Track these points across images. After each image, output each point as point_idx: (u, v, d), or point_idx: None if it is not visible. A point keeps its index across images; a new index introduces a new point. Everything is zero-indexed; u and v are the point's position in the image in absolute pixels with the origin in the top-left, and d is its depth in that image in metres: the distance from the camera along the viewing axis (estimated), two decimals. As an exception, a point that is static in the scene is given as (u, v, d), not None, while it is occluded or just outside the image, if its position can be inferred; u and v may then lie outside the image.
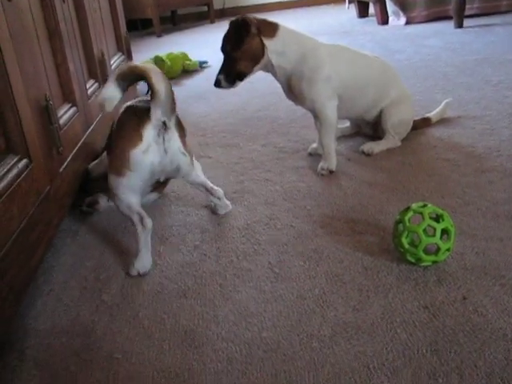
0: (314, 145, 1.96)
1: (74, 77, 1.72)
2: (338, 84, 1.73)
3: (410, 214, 1.21)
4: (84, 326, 1.16)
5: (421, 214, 1.20)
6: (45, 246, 1.31)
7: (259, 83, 2.94)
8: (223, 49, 1.71)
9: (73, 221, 1.64)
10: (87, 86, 1.93)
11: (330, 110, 1.74)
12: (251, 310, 1.14)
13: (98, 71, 2.09)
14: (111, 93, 1.31)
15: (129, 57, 2.85)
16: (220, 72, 1.74)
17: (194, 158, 1.48)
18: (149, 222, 1.34)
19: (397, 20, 4.66)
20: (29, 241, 1.20)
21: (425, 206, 1.22)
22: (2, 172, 1.15)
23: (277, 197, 1.65)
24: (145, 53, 4.25)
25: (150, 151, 1.32)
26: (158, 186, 1.61)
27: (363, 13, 5.36)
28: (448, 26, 4.09)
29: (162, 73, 1.33)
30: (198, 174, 1.52)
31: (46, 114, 1.43)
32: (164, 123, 1.32)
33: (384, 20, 4.75)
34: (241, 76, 1.73)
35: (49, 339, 1.13)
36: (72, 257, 1.45)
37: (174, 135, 1.36)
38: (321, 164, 1.79)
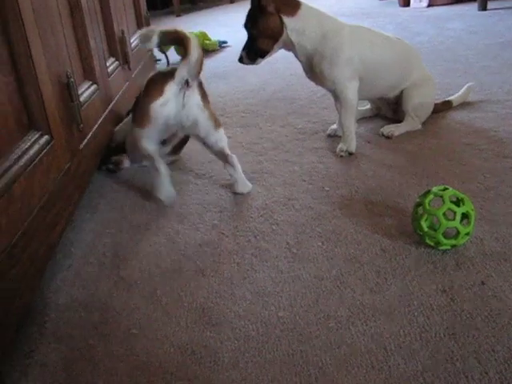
0: (334, 126, 1.95)
1: (94, 53, 1.72)
2: (359, 65, 1.72)
3: (431, 196, 1.21)
4: (102, 302, 1.17)
5: (441, 197, 1.19)
6: (64, 222, 1.32)
7: (279, 64, 2.93)
8: (246, 26, 1.71)
9: (92, 197, 1.65)
10: (107, 64, 1.93)
11: (350, 91, 1.73)
12: (268, 289, 1.14)
13: (118, 49, 2.09)
14: (151, 34, 1.44)
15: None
16: (243, 48, 1.76)
17: (220, 128, 1.55)
18: (164, 168, 1.50)
19: (419, 2, 4.59)
20: (49, 217, 1.21)
21: (445, 189, 1.21)
22: (24, 148, 1.16)
23: (295, 177, 1.64)
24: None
25: (167, 105, 1.45)
26: (176, 148, 1.79)
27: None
28: (471, 8, 4.03)
29: (198, 42, 1.44)
30: (221, 139, 1.56)
31: (67, 91, 1.43)
32: (187, 81, 1.44)
33: (405, 2, 4.68)
34: (262, 53, 1.73)
35: (68, 313, 1.14)
36: (91, 233, 1.46)
37: (194, 92, 1.47)
38: (340, 145, 1.78)
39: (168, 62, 3.21)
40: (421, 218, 1.20)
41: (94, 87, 1.70)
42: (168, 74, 1.46)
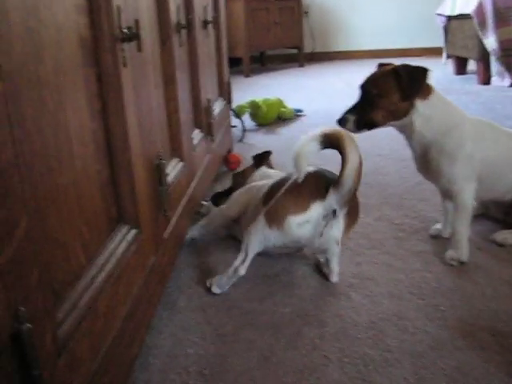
0: (438, 226, 1.74)
1: (183, 127, 1.57)
2: (479, 164, 1.52)
3: None
4: None
5: None
6: (145, 330, 1.14)
7: (363, 142, 2.74)
8: (365, 88, 1.53)
9: (169, 291, 1.46)
10: (192, 136, 1.78)
11: (467, 193, 1.52)
12: None
13: (203, 119, 1.94)
14: (309, 145, 1.31)
15: (229, 102, 2.71)
16: (350, 111, 1.54)
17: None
18: (243, 271, 1.40)
19: (500, 81, 4.40)
20: (130, 328, 1.03)
21: None
22: (111, 248, 1.00)
23: (402, 288, 1.43)
24: (233, 93, 4.13)
25: (305, 227, 1.32)
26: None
27: (461, 70, 5.12)
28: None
29: (359, 158, 1.29)
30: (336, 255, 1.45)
31: (157, 173, 1.27)
32: (334, 211, 1.30)
33: (486, 79, 4.50)
34: (371, 125, 1.53)
35: None
36: (171, 338, 1.27)
37: (338, 225, 1.34)
38: (450, 252, 1.56)
39: (244, 128, 3.07)
40: None
41: (180, 165, 1.54)
42: (326, 184, 1.32)
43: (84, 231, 0.89)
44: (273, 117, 3.37)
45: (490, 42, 4.27)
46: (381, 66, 1.54)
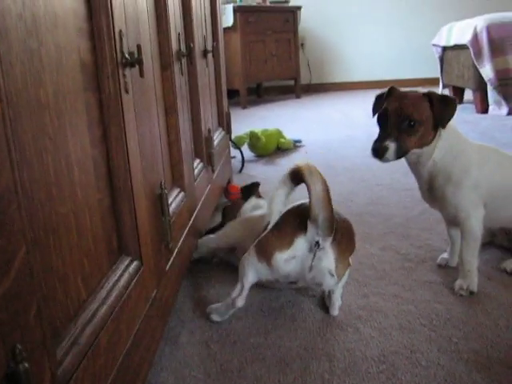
0: (445, 255, 1.70)
1: (184, 157, 1.53)
2: (485, 191, 1.48)
3: None
4: None
5: None
6: (147, 366, 1.08)
7: (362, 172, 2.72)
8: (404, 113, 1.39)
9: (171, 325, 1.41)
10: (193, 166, 1.74)
11: (475, 221, 1.48)
12: None
13: (203, 149, 1.90)
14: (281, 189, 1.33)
15: (228, 132, 2.69)
16: (387, 138, 1.40)
17: (347, 272, 1.39)
18: (241, 302, 1.36)
19: (498, 109, 4.41)
20: (133, 364, 0.98)
21: None
22: (113, 280, 0.95)
23: (412, 320, 1.38)
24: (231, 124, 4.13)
25: (292, 262, 1.29)
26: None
27: (458, 99, 5.11)
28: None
29: (322, 184, 1.25)
30: (338, 288, 1.41)
31: (159, 204, 1.23)
32: (317, 243, 1.25)
33: (483, 109, 4.51)
34: (406, 153, 1.44)
35: None
36: (173, 375, 1.22)
37: (327, 255, 1.28)
38: (459, 282, 1.52)
39: (243, 158, 3.04)
40: None
41: (181, 195, 1.50)
42: (303, 218, 1.28)
43: (84, 263, 0.84)
44: (272, 147, 3.35)
45: (487, 71, 4.29)
46: (393, 89, 1.46)
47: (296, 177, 1.28)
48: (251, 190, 1.95)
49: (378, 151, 1.39)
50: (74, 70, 0.83)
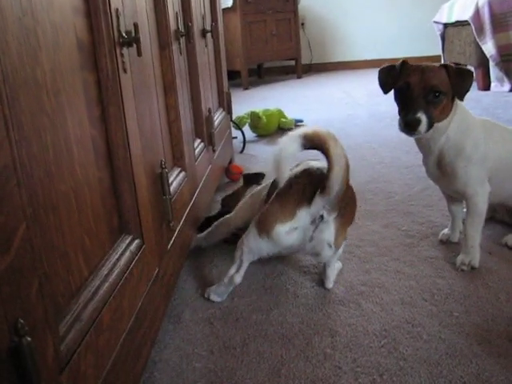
0: (446, 231, 1.70)
1: (185, 137, 1.53)
2: (490, 165, 1.48)
3: None
4: None
5: None
6: (150, 343, 1.10)
7: (363, 149, 2.72)
8: (430, 85, 1.36)
9: (174, 303, 1.42)
10: (194, 146, 1.74)
11: (481, 197, 1.49)
12: None
13: (204, 129, 1.90)
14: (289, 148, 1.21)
15: (229, 113, 2.68)
16: (420, 110, 1.35)
17: (342, 246, 1.40)
18: (238, 279, 1.37)
19: (500, 86, 4.38)
20: (135, 342, 1.00)
21: None
22: (114, 259, 0.96)
23: (414, 295, 1.39)
24: (233, 105, 4.12)
25: (293, 234, 1.28)
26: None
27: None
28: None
29: (345, 160, 1.22)
30: (333, 261, 1.42)
31: (160, 183, 1.23)
32: (321, 216, 1.25)
33: (486, 86, 4.48)
34: (432, 125, 1.39)
35: None
36: (176, 352, 1.23)
37: (328, 228, 1.28)
38: (461, 257, 1.52)
39: (244, 139, 3.04)
40: None
41: (182, 175, 1.51)
42: (312, 188, 1.25)
43: (85, 241, 0.85)
44: (273, 127, 3.34)
45: (489, 47, 4.25)
46: (406, 63, 1.42)
47: (311, 142, 1.21)
48: (254, 179, 1.93)
49: (411, 124, 1.35)
50: (70, 48, 0.83)
